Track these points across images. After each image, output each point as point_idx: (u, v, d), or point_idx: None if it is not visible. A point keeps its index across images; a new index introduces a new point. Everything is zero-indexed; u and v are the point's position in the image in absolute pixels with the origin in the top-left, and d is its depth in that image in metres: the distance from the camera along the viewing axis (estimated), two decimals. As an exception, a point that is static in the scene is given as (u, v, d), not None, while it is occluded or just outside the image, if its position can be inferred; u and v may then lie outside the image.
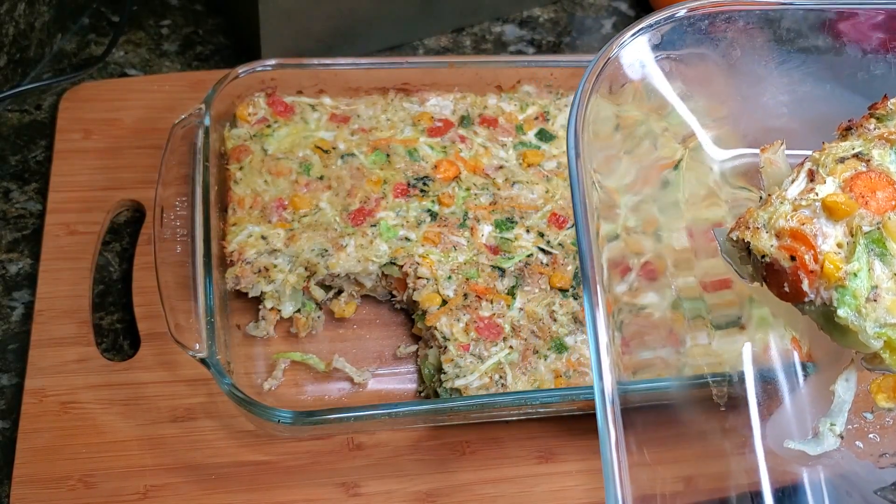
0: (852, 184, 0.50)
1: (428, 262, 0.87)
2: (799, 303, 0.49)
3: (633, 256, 0.60)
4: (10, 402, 0.83)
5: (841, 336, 0.49)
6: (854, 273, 0.48)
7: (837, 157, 0.52)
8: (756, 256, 0.50)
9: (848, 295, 0.48)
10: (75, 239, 0.91)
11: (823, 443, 0.52)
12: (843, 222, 0.49)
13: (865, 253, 0.49)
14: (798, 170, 0.52)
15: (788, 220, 0.50)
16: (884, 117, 0.55)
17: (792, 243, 0.49)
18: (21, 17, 1.00)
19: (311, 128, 0.96)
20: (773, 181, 0.54)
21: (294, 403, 0.85)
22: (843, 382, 0.52)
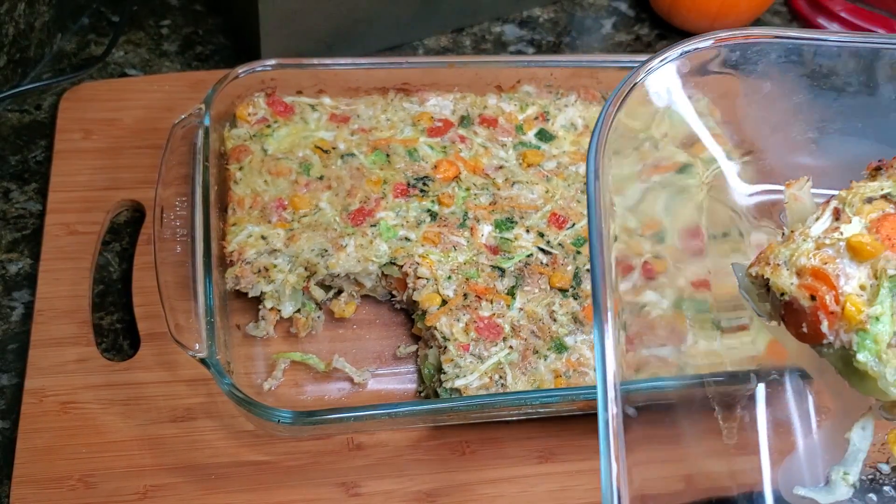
0: (879, 225, 0.49)
1: (428, 262, 0.87)
2: (817, 345, 0.48)
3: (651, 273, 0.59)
4: (10, 402, 0.83)
5: (859, 382, 0.48)
6: (876, 317, 0.47)
7: (865, 196, 0.51)
8: (775, 294, 0.49)
9: (869, 339, 0.47)
10: (75, 239, 0.91)
11: (835, 492, 0.50)
12: (868, 264, 0.48)
13: (889, 297, 0.47)
14: (824, 207, 0.51)
15: (811, 258, 0.48)
16: None
17: (813, 282, 0.48)
18: (21, 17, 1.00)
19: (311, 128, 0.96)
20: (797, 217, 0.53)
21: (294, 403, 0.85)
22: (858, 430, 0.51)
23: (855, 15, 1.28)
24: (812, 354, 0.49)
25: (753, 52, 0.55)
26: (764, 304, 0.51)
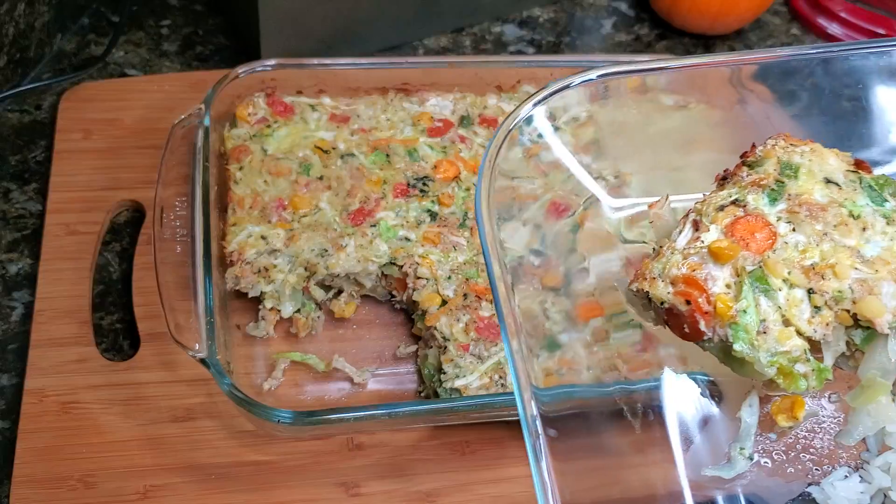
0: (733, 229, 0.55)
1: (428, 262, 0.87)
2: (699, 341, 0.54)
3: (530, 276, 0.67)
4: (10, 402, 0.83)
5: (740, 367, 0.53)
6: (744, 310, 0.52)
7: (717, 205, 0.56)
8: (656, 303, 0.54)
9: (741, 330, 0.52)
10: (75, 239, 0.91)
11: (736, 466, 0.56)
12: (729, 265, 0.54)
13: (751, 291, 0.53)
14: (683, 221, 0.57)
15: (680, 268, 0.54)
16: (754, 164, 0.59)
17: (686, 289, 0.53)
18: (21, 17, 1.00)
19: (310, 128, 0.96)
20: (663, 233, 0.58)
21: (294, 403, 0.85)
22: (747, 408, 0.56)
23: (855, 15, 1.28)
24: (698, 350, 0.55)
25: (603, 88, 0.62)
26: (649, 313, 0.56)
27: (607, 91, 0.63)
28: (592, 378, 0.63)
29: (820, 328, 0.53)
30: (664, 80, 0.64)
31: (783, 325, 0.53)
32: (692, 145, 0.70)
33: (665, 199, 0.60)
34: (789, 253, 0.54)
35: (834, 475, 0.55)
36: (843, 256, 0.54)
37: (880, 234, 0.55)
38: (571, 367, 0.63)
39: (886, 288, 0.53)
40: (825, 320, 0.53)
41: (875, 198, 0.57)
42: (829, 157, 0.59)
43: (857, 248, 0.55)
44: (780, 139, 0.60)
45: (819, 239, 0.55)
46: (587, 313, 0.66)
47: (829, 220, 0.55)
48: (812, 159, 0.58)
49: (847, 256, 0.54)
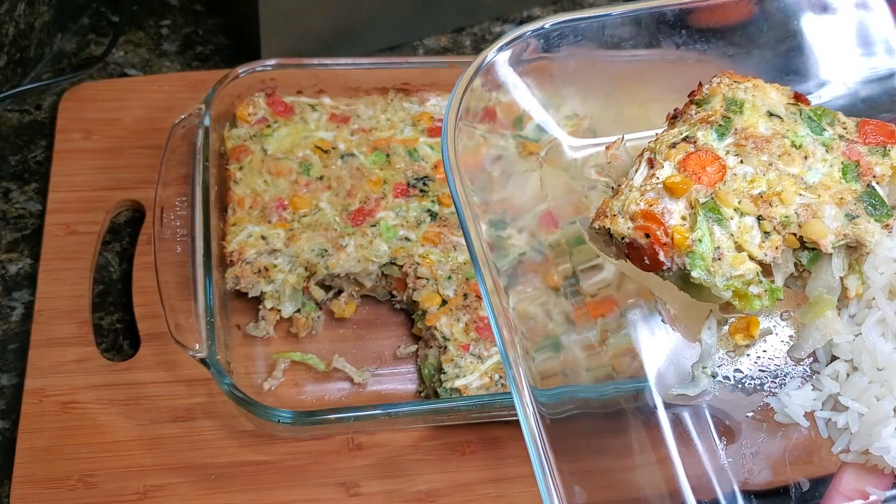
0: (685, 164, 0.58)
1: (428, 262, 0.87)
2: (659, 271, 0.57)
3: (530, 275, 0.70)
4: (10, 402, 0.83)
5: (698, 293, 0.57)
6: (699, 239, 0.56)
7: (669, 143, 0.60)
8: (617, 239, 0.58)
9: (697, 258, 0.56)
10: (75, 239, 0.91)
11: (699, 384, 0.60)
12: (684, 198, 0.57)
13: (705, 221, 0.57)
14: (639, 160, 0.60)
15: (638, 204, 0.57)
16: (701, 102, 0.62)
17: (644, 223, 0.57)
18: (21, 17, 1.00)
19: (310, 128, 0.96)
20: (621, 172, 0.62)
21: (294, 403, 0.85)
22: (706, 331, 0.60)
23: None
24: (658, 280, 0.58)
25: (555, 38, 0.66)
26: (610, 249, 0.60)
27: (561, 39, 0.66)
28: (589, 379, 0.66)
29: (770, 252, 0.57)
30: (612, 26, 0.67)
31: (736, 251, 0.57)
32: (643, 87, 0.74)
33: (621, 140, 0.63)
34: (738, 184, 0.58)
35: (788, 386, 0.59)
36: (787, 184, 0.58)
37: (821, 162, 0.59)
38: (571, 368, 0.66)
39: (828, 211, 0.57)
40: (774, 244, 0.57)
41: (814, 128, 0.61)
42: (771, 91, 0.63)
43: (800, 176, 0.59)
44: (724, 77, 0.63)
45: (765, 169, 0.59)
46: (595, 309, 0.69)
47: (773, 150, 0.59)
48: (755, 94, 0.62)
49: (791, 184, 0.58)
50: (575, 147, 0.70)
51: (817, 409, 0.58)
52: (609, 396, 0.64)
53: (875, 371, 0.56)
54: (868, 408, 0.55)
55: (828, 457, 0.57)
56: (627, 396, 0.63)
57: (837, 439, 0.56)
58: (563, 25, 0.65)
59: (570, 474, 0.55)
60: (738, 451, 0.60)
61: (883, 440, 0.54)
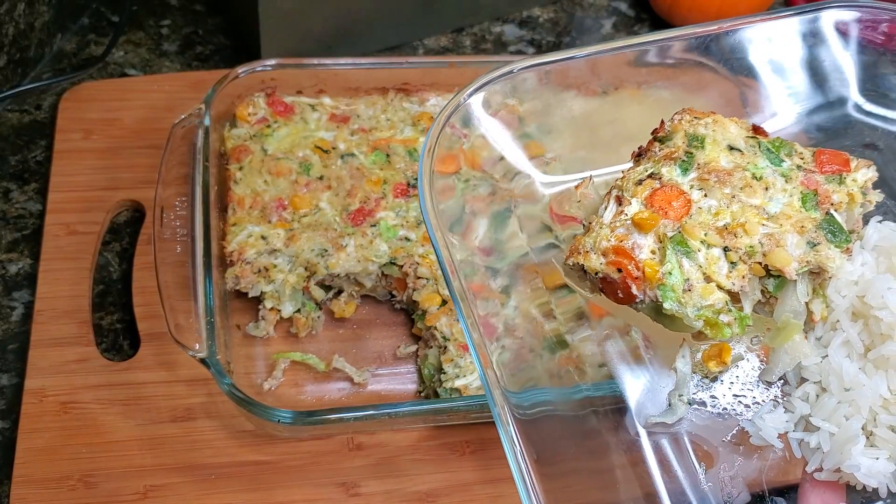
0: (652, 200, 0.60)
1: (428, 261, 0.87)
2: (632, 304, 0.59)
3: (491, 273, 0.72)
4: (10, 402, 0.83)
5: (671, 323, 0.59)
6: (669, 272, 0.58)
7: (636, 180, 0.62)
8: (591, 274, 0.60)
9: (668, 290, 0.58)
10: (75, 239, 0.91)
11: (677, 412, 0.62)
12: (652, 233, 0.59)
13: (674, 254, 0.58)
14: (607, 198, 0.62)
15: (609, 240, 0.59)
16: (665, 139, 0.64)
17: (616, 258, 0.58)
18: (21, 17, 1.00)
19: (311, 128, 0.96)
20: (591, 210, 0.64)
21: (294, 403, 0.85)
22: (681, 359, 0.62)
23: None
24: (632, 312, 0.60)
25: (520, 81, 0.68)
26: (585, 284, 0.62)
27: (529, 82, 0.68)
28: (556, 382, 0.67)
29: (737, 281, 0.58)
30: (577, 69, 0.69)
31: (705, 281, 0.58)
32: (610, 126, 0.77)
33: (589, 179, 0.65)
34: (704, 217, 0.60)
35: (762, 409, 0.61)
36: (750, 215, 0.60)
37: (781, 192, 0.61)
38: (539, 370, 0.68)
39: (791, 239, 0.59)
40: (741, 273, 0.59)
41: (773, 159, 0.63)
42: (730, 125, 0.65)
43: (762, 207, 0.61)
44: (685, 114, 0.65)
45: (729, 201, 0.60)
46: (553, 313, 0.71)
47: (735, 183, 0.61)
48: (715, 129, 0.64)
49: (754, 215, 0.60)
50: (546, 184, 0.72)
51: (790, 431, 0.59)
52: (581, 400, 0.65)
53: (843, 391, 0.58)
54: (838, 427, 0.57)
55: (801, 476, 0.59)
56: (609, 426, 0.64)
57: (811, 458, 0.58)
58: (531, 68, 0.67)
59: (548, 477, 0.56)
60: (716, 474, 0.61)
61: (853, 458, 0.56)
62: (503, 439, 0.56)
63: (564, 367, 0.67)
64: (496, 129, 0.69)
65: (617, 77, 0.72)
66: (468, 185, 0.70)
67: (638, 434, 0.62)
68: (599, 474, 0.63)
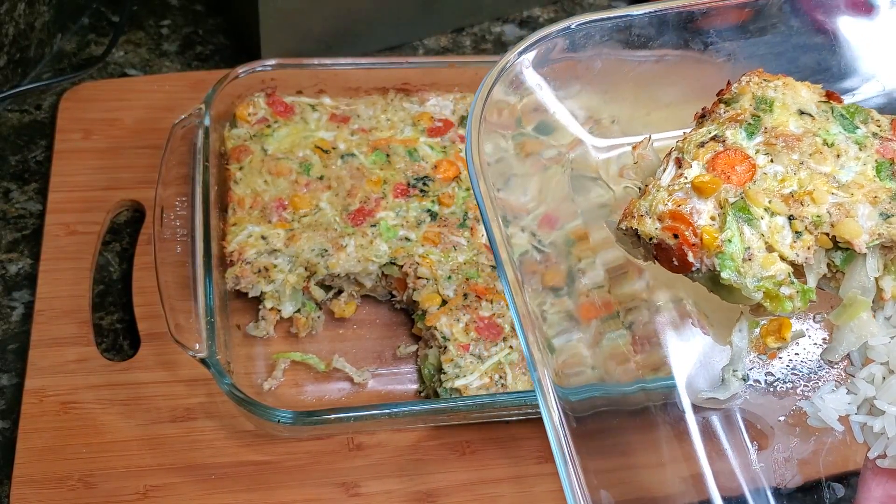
0: (714, 163, 0.57)
1: (428, 262, 0.87)
2: (688, 272, 0.56)
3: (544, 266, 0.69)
4: (10, 402, 0.83)
5: (728, 294, 0.56)
6: (729, 239, 0.55)
7: (697, 142, 0.59)
8: (645, 240, 0.57)
9: (727, 259, 0.55)
10: (75, 239, 0.91)
11: (730, 387, 0.59)
12: (713, 198, 0.56)
13: (735, 221, 0.56)
14: (667, 159, 0.59)
15: (666, 204, 0.56)
16: (730, 101, 0.61)
17: (673, 223, 0.56)
18: (21, 17, 1.00)
19: (311, 128, 0.96)
20: (648, 172, 0.61)
21: (294, 403, 0.85)
22: (737, 333, 0.59)
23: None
24: (687, 282, 0.57)
25: (580, 37, 0.65)
26: (638, 250, 0.59)
27: (586, 40, 0.66)
28: (598, 377, 0.64)
29: (802, 252, 0.56)
30: (638, 26, 0.66)
31: (767, 251, 0.55)
32: (670, 88, 0.72)
33: (648, 139, 0.62)
34: (769, 183, 0.57)
35: (822, 389, 0.58)
36: (819, 183, 0.57)
37: (853, 160, 0.58)
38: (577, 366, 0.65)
39: (862, 210, 0.56)
40: (806, 244, 0.56)
41: (847, 125, 0.60)
42: (801, 89, 0.62)
43: (832, 175, 0.57)
44: (753, 76, 0.62)
45: (796, 168, 0.57)
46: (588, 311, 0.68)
47: (804, 149, 0.58)
48: (785, 93, 0.61)
49: (823, 183, 0.57)
50: (600, 148, 0.69)
51: (852, 413, 0.56)
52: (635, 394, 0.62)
53: None
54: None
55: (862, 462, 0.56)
56: (656, 398, 0.61)
57: (873, 444, 0.55)
58: (588, 26, 0.64)
59: (594, 473, 0.54)
60: (770, 455, 0.59)
61: None
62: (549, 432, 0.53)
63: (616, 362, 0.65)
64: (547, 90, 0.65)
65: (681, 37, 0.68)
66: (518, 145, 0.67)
67: (685, 410, 0.60)
68: (645, 450, 0.60)
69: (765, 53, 0.70)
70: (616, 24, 0.65)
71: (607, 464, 0.57)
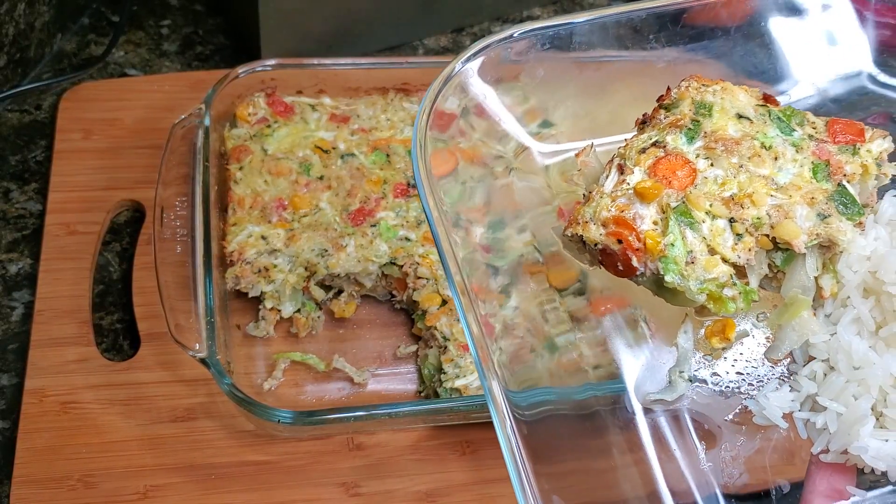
0: (655, 169, 0.58)
1: (428, 261, 0.87)
2: (633, 277, 0.57)
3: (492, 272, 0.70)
4: (10, 402, 0.83)
5: (672, 297, 0.57)
6: (671, 244, 0.56)
7: (639, 148, 0.59)
8: (590, 246, 0.58)
9: (670, 263, 0.56)
10: (75, 239, 0.91)
11: (677, 389, 0.60)
12: (655, 203, 0.57)
13: (677, 225, 0.57)
14: (609, 166, 0.60)
15: (610, 210, 0.57)
16: (670, 106, 0.62)
17: (616, 229, 0.56)
18: (21, 17, 1.00)
19: (311, 128, 0.96)
20: (591, 179, 0.62)
21: (294, 403, 0.85)
22: (682, 335, 0.60)
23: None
24: (632, 286, 0.58)
25: (524, 46, 0.66)
26: (584, 256, 0.60)
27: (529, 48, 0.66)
28: (549, 381, 0.65)
29: (743, 254, 0.57)
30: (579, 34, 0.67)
31: (709, 254, 0.56)
32: (612, 94, 0.73)
33: (590, 146, 0.63)
34: (709, 187, 0.58)
35: (766, 388, 0.59)
36: (758, 185, 0.58)
37: (791, 162, 0.59)
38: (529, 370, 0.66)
39: (800, 211, 0.57)
40: (747, 246, 0.57)
41: (784, 128, 0.61)
42: (739, 93, 0.63)
43: (771, 177, 0.58)
44: (692, 80, 0.63)
45: (736, 171, 0.58)
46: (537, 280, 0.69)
47: (743, 152, 0.59)
48: (724, 97, 0.62)
49: (763, 185, 0.58)
50: (545, 153, 0.70)
51: (795, 410, 0.57)
52: (586, 398, 0.63)
53: (852, 370, 0.56)
54: (846, 407, 0.55)
55: (807, 458, 0.57)
56: (605, 401, 0.62)
57: (817, 440, 0.56)
58: (530, 34, 0.65)
59: (546, 477, 0.54)
60: (718, 454, 0.60)
61: (861, 439, 0.54)
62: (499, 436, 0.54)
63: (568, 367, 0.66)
64: (493, 97, 0.66)
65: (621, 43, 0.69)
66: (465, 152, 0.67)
67: (635, 412, 0.60)
68: (595, 454, 0.61)
69: (703, 58, 0.71)
70: (557, 32, 0.66)
71: (559, 468, 0.57)
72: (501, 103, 0.67)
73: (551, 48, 0.67)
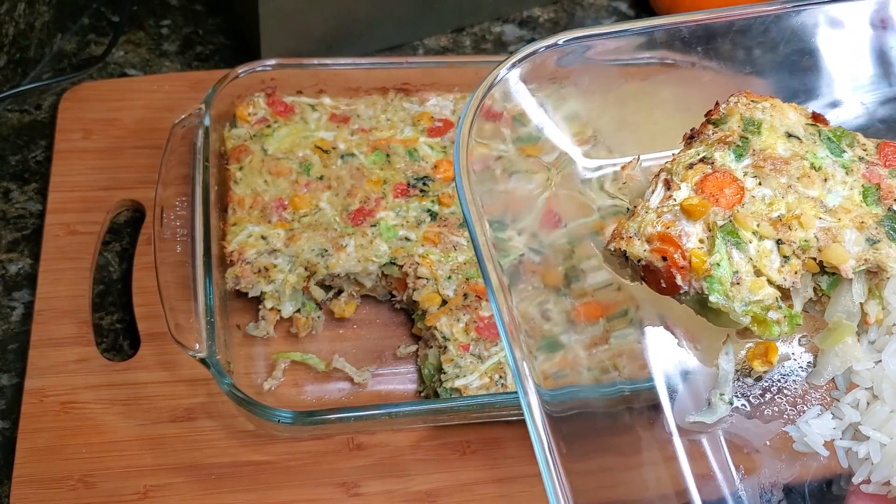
0: (703, 185, 0.57)
1: (428, 261, 0.87)
2: (676, 295, 0.56)
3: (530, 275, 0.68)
4: (10, 402, 0.83)
5: (715, 318, 0.56)
6: (717, 263, 0.55)
7: (686, 163, 0.58)
8: (633, 262, 0.57)
9: (715, 282, 0.55)
10: (75, 239, 0.91)
11: (717, 411, 0.59)
12: (701, 220, 0.56)
13: (723, 244, 0.56)
14: (655, 181, 0.59)
15: (655, 226, 0.56)
16: (719, 121, 0.61)
17: (661, 245, 0.55)
18: (21, 17, 1.00)
19: (311, 128, 0.96)
20: (637, 193, 0.61)
21: (294, 403, 0.85)
22: (724, 356, 0.59)
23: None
24: (674, 304, 0.57)
25: (568, 54, 0.64)
26: (625, 271, 0.58)
27: (575, 56, 0.65)
28: (591, 379, 0.64)
29: (789, 276, 0.56)
30: (627, 43, 0.66)
31: (755, 275, 0.55)
32: (658, 106, 0.72)
33: (636, 160, 0.62)
34: (757, 206, 0.57)
35: (808, 414, 0.58)
36: (807, 207, 0.57)
37: (840, 184, 0.58)
38: (572, 368, 0.65)
39: (849, 235, 0.56)
40: (794, 269, 0.56)
41: (834, 149, 0.60)
42: (789, 111, 0.61)
43: (820, 199, 0.57)
44: (741, 96, 0.61)
45: (784, 191, 0.57)
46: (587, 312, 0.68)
47: (792, 172, 0.58)
48: (773, 114, 0.61)
49: (811, 207, 0.57)
50: (589, 167, 0.68)
51: (837, 438, 0.56)
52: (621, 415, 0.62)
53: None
54: (890, 438, 0.54)
55: (847, 487, 0.56)
56: (643, 423, 0.61)
57: (858, 469, 0.55)
58: (576, 42, 0.63)
59: (576, 475, 0.54)
60: (755, 480, 0.59)
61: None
62: (531, 433, 0.53)
63: (602, 363, 0.64)
64: (535, 106, 0.65)
65: (669, 54, 0.67)
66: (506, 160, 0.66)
67: (673, 433, 0.59)
68: (630, 471, 0.60)
69: (750, 72, 0.70)
70: (604, 41, 0.65)
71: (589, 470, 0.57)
72: (544, 111, 0.66)
73: (597, 56, 0.66)
